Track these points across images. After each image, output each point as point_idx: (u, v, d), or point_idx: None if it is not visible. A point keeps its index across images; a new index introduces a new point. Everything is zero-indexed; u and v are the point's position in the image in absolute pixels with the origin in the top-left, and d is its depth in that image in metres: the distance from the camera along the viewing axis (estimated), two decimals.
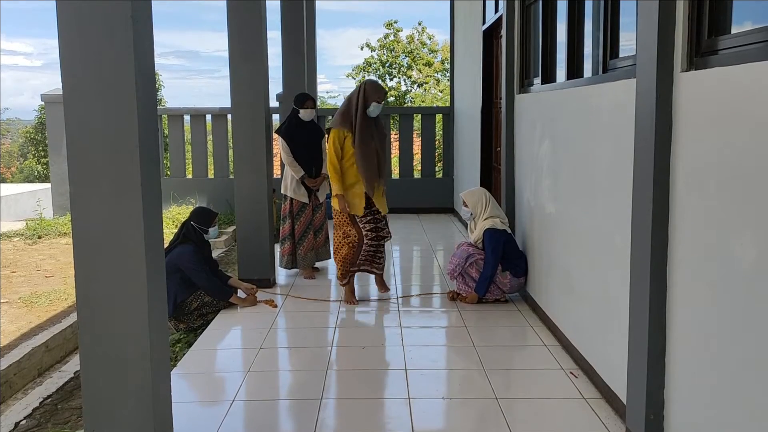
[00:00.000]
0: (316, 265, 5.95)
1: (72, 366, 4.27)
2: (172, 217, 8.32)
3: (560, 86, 4.17)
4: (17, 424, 3.46)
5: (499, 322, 4.53)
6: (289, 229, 5.73)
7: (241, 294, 4.95)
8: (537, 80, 4.80)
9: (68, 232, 7.69)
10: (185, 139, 9.97)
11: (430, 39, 22.50)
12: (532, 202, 4.76)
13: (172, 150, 9.69)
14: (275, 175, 6.23)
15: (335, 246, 5.02)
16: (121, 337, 2.46)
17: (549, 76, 4.57)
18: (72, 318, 4.74)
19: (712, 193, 2.20)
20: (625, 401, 2.91)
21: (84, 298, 2.46)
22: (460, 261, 4.86)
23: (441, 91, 21.38)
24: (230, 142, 8.88)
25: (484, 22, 6.93)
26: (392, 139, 11.32)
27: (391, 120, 11.16)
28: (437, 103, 20.34)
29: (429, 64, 22.07)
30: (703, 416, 2.30)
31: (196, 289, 4.67)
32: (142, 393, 2.48)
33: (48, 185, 10.82)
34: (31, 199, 10.54)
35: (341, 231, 4.93)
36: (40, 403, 3.70)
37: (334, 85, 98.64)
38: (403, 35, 22.39)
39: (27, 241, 7.66)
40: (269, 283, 5.46)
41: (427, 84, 22.12)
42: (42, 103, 12.15)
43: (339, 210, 4.83)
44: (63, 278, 5.98)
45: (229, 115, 9.13)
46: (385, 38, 22.35)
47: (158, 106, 5.08)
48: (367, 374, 3.71)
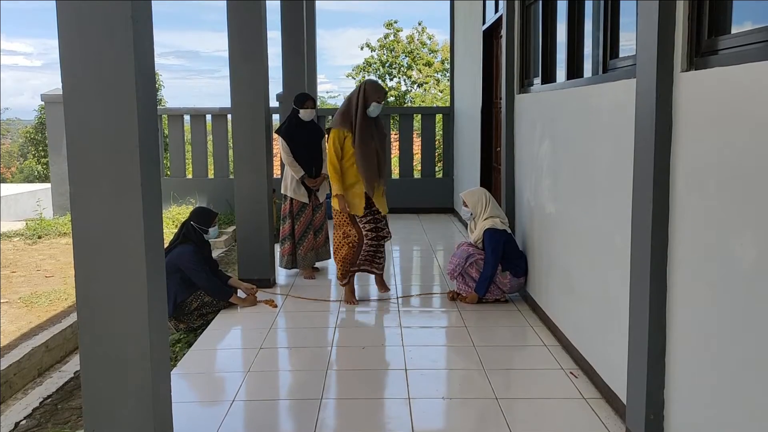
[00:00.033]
0: (316, 265, 5.95)
1: (72, 366, 4.27)
2: (172, 217, 8.32)
3: (560, 86, 4.17)
4: (17, 424, 3.46)
5: (499, 322, 4.53)
6: (289, 229, 5.73)
7: (241, 294, 4.95)
8: (537, 80, 4.80)
9: (68, 232, 7.69)
10: (185, 139, 9.98)
11: (430, 39, 22.52)
12: (532, 202, 4.76)
13: (172, 150, 9.69)
14: (275, 175, 6.23)
15: (335, 246, 5.02)
16: (121, 337, 2.46)
17: (549, 76, 4.57)
18: (72, 318, 4.74)
19: (712, 193, 2.20)
20: (625, 401, 2.91)
21: (84, 298, 2.46)
22: (460, 261, 4.86)
23: (441, 91, 21.39)
24: (230, 142, 8.88)
25: (484, 22, 6.93)
26: (392, 139, 11.32)
27: (391, 120, 11.16)
28: (437, 103, 20.34)
29: (429, 64, 22.08)
30: (703, 416, 2.30)
31: (196, 289, 4.67)
32: (142, 393, 2.48)
33: (48, 185, 10.82)
34: (31, 199, 10.54)
35: (341, 231, 4.93)
36: (40, 403, 3.70)
37: (334, 85, 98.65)
38: (403, 35, 22.40)
39: (27, 241, 7.66)
40: (269, 283, 5.46)
41: (427, 84, 22.12)
42: (42, 103, 12.15)
43: (339, 210, 4.83)
44: (63, 278, 5.98)
45: (229, 115, 9.13)
46: (385, 38, 22.35)
47: (158, 106, 5.08)
48: (367, 374, 3.71)
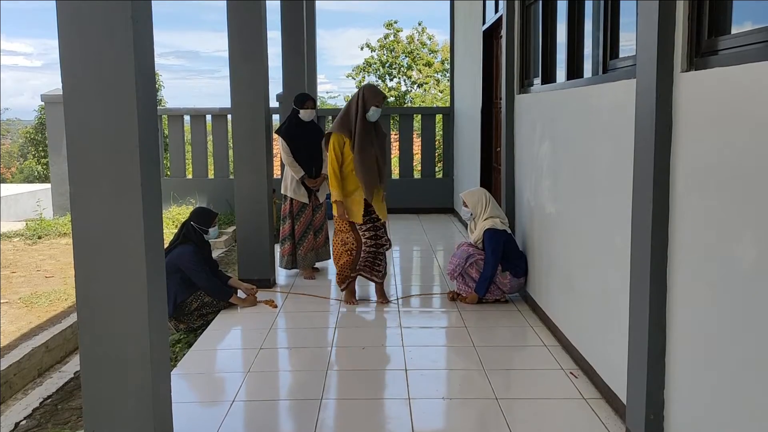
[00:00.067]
0: (316, 265, 5.95)
1: (72, 366, 4.27)
2: (172, 217, 8.32)
3: (560, 86, 4.17)
4: (17, 424, 3.46)
5: (499, 322, 4.53)
6: (289, 230, 5.73)
7: (241, 294, 4.95)
8: (537, 80, 4.80)
9: (68, 232, 7.69)
10: (185, 140, 9.98)
11: (430, 39, 22.51)
12: (532, 202, 4.76)
13: (172, 150, 9.69)
14: (275, 176, 6.23)
15: (335, 254, 5.00)
16: (121, 337, 2.46)
17: (549, 77, 4.57)
18: (72, 318, 4.74)
19: (712, 193, 2.20)
20: (625, 401, 2.91)
21: (84, 298, 2.46)
22: (460, 261, 4.86)
23: (441, 92, 21.38)
24: (230, 143, 8.88)
25: (484, 22, 6.93)
26: (392, 139, 11.32)
27: (391, 120, 11.16)
28: (437, 104, 20.34)
29: (429, 65, 22.07)
30: (703, 416, 2.30)
31: (196, 289, 4.67)
32: (142, 393, 2.48)
33: (48, 185, 10.82)
34: (31, 199, 10.55)
35: (340, 238, 4.92)
36: (40, 403, 3.70)
37: (334, 86, 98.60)
38: (403, 35, 22.39)
39: (27, 241, 7.66)
40: (269, 283, 5.46)
41: (427, 84, 22.12)
42: (42, 103, 12.16)
43: (339, 215, 4.83)
44: (63, 278, 5.97)
45: (229, 116, 9.13)
46: (385, 38, 22.35)
47: (158, 107, 5.08)
48: (367, 374, 3.71)
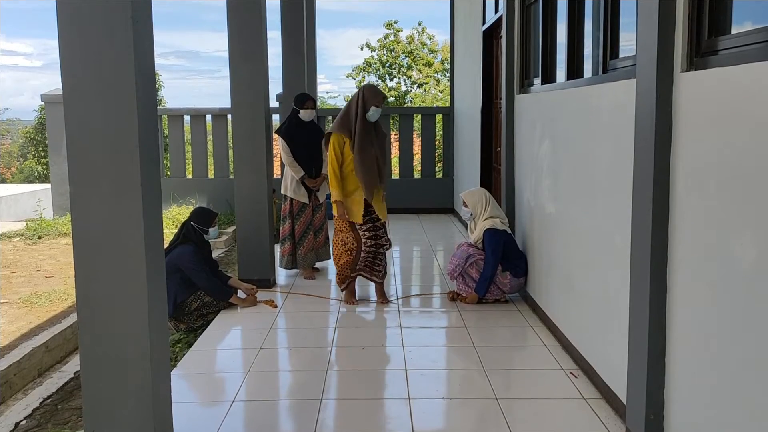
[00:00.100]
0: (316, 265, 5.95)
1: (72, 366, 4.27)
2: (172, 217, 8.32)
3: (560, 86, 4.17)
4: (17, 424, 3.46)
5: (499, 322, 4.53)
6: (289, 230, 5.73)
7: (241, 294, 4.95)
8: (537, 80, 4.80)
9: (68, 232, 7.69)
10: (185, 140, 9.98)
11: (430, 39, 22.51)
12: (532, 202, 4.76)
13: (172, 150, 9.69)
14: (275, 176, 6.23)
15: (335, 254, 5.00)
16: (121, 337, 2.46)
17: (549, 77, 4.57)
18: (72, 318, 4.74)
19: (712, 193, 2.20)
20: (625, 401, 2.91)
21: (84, 298, 2.46)
22: (460, 261, 4.86)
23: (441, 92, 21.38)
24: (230, 143, 8.88)
25: (484, 22, 6.93)
26: (392, 139, 11.31)
27: (391, 120, 11.16)
28: (437, 104, 20.34)
29: (429, 65, 22.07)
30: (703, 416, 2.30)
31: (196, 289, 4.67)
32: (142, 393, 2.48)
33: (48, 185, 10.82)
34: (31, 199, 10.54)
35: (340, 238, 4.91)
36: (40, 403, 3.70)
37: (334, 86, 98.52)
38: (403, 35, 22.39)
39: (27, 241, 7.66)
40: (269, 283, 5.46)
41: (427, 84, 22.12)
42: (42, 103, 12.16)
43: (339, 216, 4.83)
44: (63, 278, 5.97)
45: (229, 116, 9.13)
46: (385, 38, 22.35)
47: (158, 107, 5.08)
48: (367, 374, 3.71)
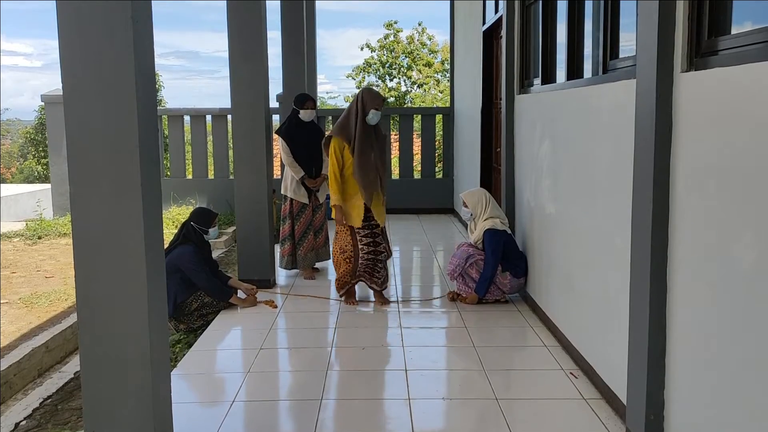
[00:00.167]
0: (316, 265, 5.95)
1: (72, 366, 4.26)
2: (172, 218, 8.32)
3: (560, 87, 4.17)
4: (17, 424, 3.46)
5: (499, 322, 4.53)
6: (289, 230, 5.72)
7: (241, 294, 4.95)
8: (537, 81, 4.80)
9: (68, 232, 7.69)
10: (185, 140, 9.98)
11: (430, 39, 22.52)
12: (532, 202, 4.76)
13: (172, 150, 9.69)
14: (275, 176, 6.23)
15: (334, 262, 4.99)
16: (121, 337, 2.46)
17: (549, 77, 4.57)
18: (72, 318, 4.74)
19: (712, 193, 2.20)
20: (625, 402, 2.91)
21: (84, 298, 2.46)
22: (460, 261, 4.86)
23: (441, 92, 21.39)
24: (230, 143, 8.88)
25: (484, 22, 6.93)
26: (392, 140, 11.31)
27: (391, 120, 11.16)
28: (437, 104, 20.34)
29: (429, 65, 22.08)
30: (703, 416, 2.30)
31: (196, 289, 4.67)
32: (142, 393, 2.48)
33: (48, 186, 10.82)
34: (31, 199, 10.55)
35: (339, 245, 4.90)
36: (40, 403, 3.70)
37: (334, 86, 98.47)
38: (403, 36, 22.41)
39: (27, 241, 7.65)
40: (269, 283, 5.45)
41: (427, 84, 22.13)
42: (42, 103, 12.16)
43: (336, 221, 4.83)
44: (63, 279, 5.97)
45: (229, 116, 9.13)
46: (385, 39, 22.36)
47: (158, 107, 5.08)
48: (367, 375, 3.71)
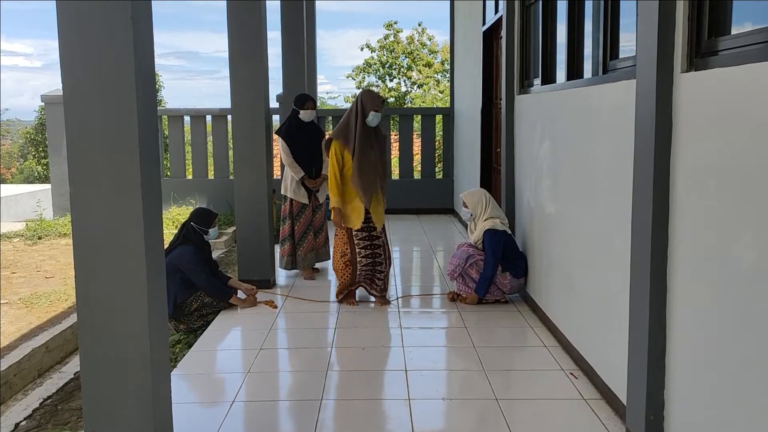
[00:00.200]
0: (316, 265, 5.95)
1: (72, 367, 4.26)
2: (172, 218, 8.32)
3: (560, 87, 4.17)
4: (17, 424, 3.46)
5: (499, 322, 4.53)
6: (289, 230, 5.73)
7: (241, 295, 4.95)
8: (537, 81, 4.80)
9: (68, 232, 7.69)
10: (185, 140, 9.98)
11: (430, 40, 22.51)
12: (532, 202, 4.76)
13: (172, 150, 9.69)
14: (275, 176, 6.23)
15: (335, 268, 4.98)
16: (121, 338, 2.46)
17: (549, 77, 4.57)
18: (72, 319, 4.74)
19: (712, 193, 2.20)
20: (625, 402, 2.91)
21: (84, 298, 2.46)
22: (460, 262, 4.86)
23: (441, 92, 21.38)
24: (230, 143, 8.88)
25: (484, 22, 6.94)
26: (392, 140, 11.31)
27: (391, 121, 11.16)
28: (437, 104, 20.34)
29: (429, 65, 22.08)
30: (703, 416, 2.30)
31: (196, 289, 4.67)
32: (142, 393, 2.48)
33: (48, 186, 10.82)
34: (31, 199, 10.54)
35: (339, 250, 4.90)
36: (40, 403, 3.70)
37: (334, 86, 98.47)
38: (403, 36, 22.39)
39: (27, 241, 7.65)
40: (269, 283, 5.45)
41: (427, 85, 22.12)
42: (42, 103, 12.16)
43: (335, 223, 4.83)
44: (63, 279, 5.97)
45: (229, 116, 9.13)
46: (385, 39, 22.35)
47: (158, 107, 5.08)
48: (367, 375, 3.71)
